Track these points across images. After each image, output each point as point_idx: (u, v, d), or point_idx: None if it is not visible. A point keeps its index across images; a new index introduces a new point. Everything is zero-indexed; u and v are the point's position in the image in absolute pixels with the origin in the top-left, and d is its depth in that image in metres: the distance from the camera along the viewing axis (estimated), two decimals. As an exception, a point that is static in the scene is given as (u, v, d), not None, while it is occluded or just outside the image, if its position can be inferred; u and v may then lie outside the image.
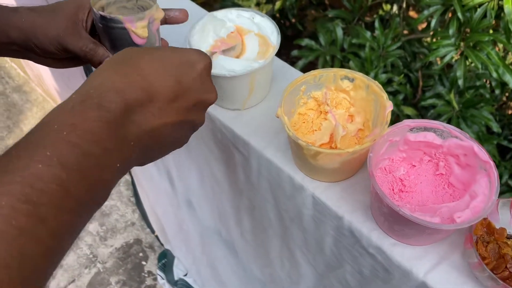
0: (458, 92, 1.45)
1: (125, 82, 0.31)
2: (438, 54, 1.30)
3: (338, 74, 0.53)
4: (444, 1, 1.33)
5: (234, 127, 0.60)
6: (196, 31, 0.58)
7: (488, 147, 1.51)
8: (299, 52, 1.55)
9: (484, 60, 1.25)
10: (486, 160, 0.44)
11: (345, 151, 0.46)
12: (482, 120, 1.43)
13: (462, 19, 1.27)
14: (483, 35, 1.25)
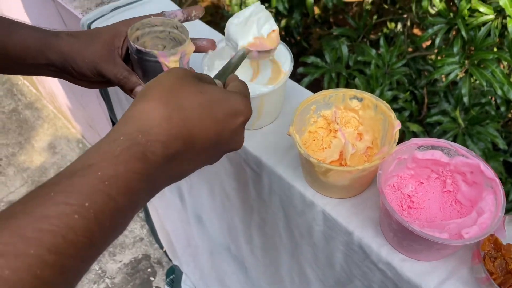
0: (463, 109, 1.47)
1: (169, 132, 0.32)
2: (442, 71, 1.33)
3: (347, 94, 0.56)
4: (448, 20, 1.36)
5: (246, 144, 0.62)
6: (240, 20, 0.57)
7: (494, 164, 1.51)
8: (305, 69, 1.58)
9: (488, 78, 1.27)
10: (492, 177, 0.46)
11: (355, 169, 0.48)
12: (488, 137, 1.44)
13: (466, 38, 1.29)
14: (488, 53, 1.28)
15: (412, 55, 1.59)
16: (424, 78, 1.56)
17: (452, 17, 1.34)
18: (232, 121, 0.36)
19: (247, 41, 0.54)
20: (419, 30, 1.92)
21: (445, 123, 1.47)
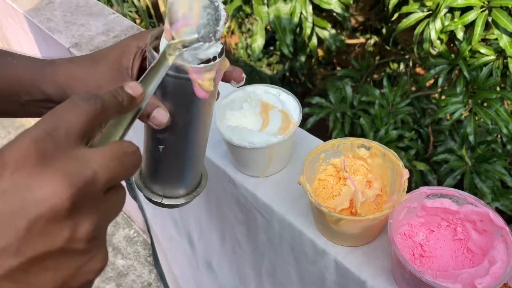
0: (469, 147, 1.48)
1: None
2: (447, 111, 1.36)
3: (355, 143, 0.58)
4: (449, 61, 1.40)
5: (257, 192, 0.64)
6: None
7: (505, 202, 1.51)
8: (310, 109, 1.62)
9: (493, 116, 1.30)
10: (502, 226, 0.47)
11: (366, 218, 0.50)
12: (496, 175, 1.44)
13: (468, 78, 1.33)
14: (491, 93, 1.31)
15: (416, 94, 1.63)
16: (429, 116, 1.59)
17: (453, 58, 1.39)
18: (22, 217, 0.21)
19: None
20: (422, 69, 1.98)
21: (452, 161, 1.48)
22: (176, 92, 0.39)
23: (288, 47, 1.48)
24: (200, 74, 0.37)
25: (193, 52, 0.36)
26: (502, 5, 1.21)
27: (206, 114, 0.42)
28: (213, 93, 0.40)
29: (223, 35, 2.05)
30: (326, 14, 1.62)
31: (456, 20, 1.28)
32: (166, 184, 0.46)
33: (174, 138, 0.42)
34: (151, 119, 0.38)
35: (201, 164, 0.48)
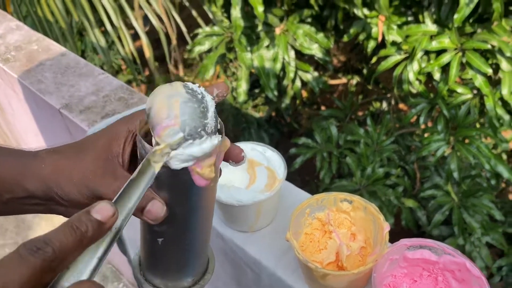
0: (455, 182, 1.54)
1: None
2: (430, 148, 1.42)
3: (338, 197, 0.62)
4: (429, 100, 1.48)
5: (245, 247, 0.67)
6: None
7: (495, 236, 1.56)
8: (297, 150, 1.67)
9: (474, 153, 1.36)
10: (478, 276, 0.51)
11: (351, 273, 0.53)
12: (483, 209, 1.49)
13: (448, 116, 1.40)
14: (470, 130, 1.38)
15: (400, 132, 1.69)
16: (414, 153, 1.65)
17: (433, 97, 1.46)
18: None
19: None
20: (404, 106, 2.06)
21: (439, 197, 1.52)
22: (172, 183, 0.36)
23: (272, 91, 1.55)
24: (199, 162, 0.34)
25: (185, 152, 0.33)
26: (475, 47, 1.29)
27: (209, 200, 0.39)
28: (214, 178, 0.36)
29: (209, 81, 2.12)
30: (308, 57, 1.70)
31: (432, 62, 1.37)
32: (168, 278, 0.42)
33: (174, 230, 0.38)
34: (146, 213, 0.35)
35: (207, 250, 0.44)
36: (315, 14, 1.55)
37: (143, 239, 0.41)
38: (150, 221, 0.35)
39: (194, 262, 0.42)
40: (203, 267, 0.44)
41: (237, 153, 0.38)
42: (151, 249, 0.40)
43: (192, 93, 0.33)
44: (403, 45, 1.41)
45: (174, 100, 0.33)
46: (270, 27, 1.54)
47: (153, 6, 1.89)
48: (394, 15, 1.45)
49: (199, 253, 0.42)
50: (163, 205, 0.35)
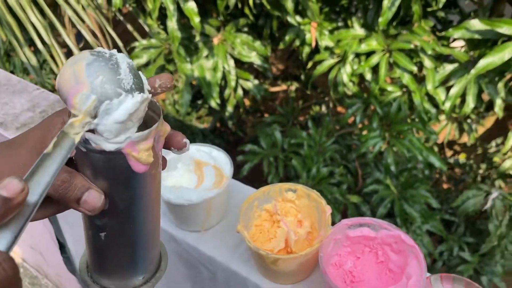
0: (394, 176, 1.65)
1: None
2: (367, 145, 1.51)
3: (283, 188, 0.66)
4: (363, 99, 1.59)
5: (199, 245, 0.69)
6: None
7: (433, 223, 1.68)
8: (244, 157, 1.71)
9: (408, 146, 1.47)
10: (412, 244, 0.57)
11: (299, 254, 0.57)
12: (421, 199, 1.61)
13: (381, 113, 1.51)
14: (403, 125, 1.49)
15: (340, 132, 1.79)
16: (354, 151, 1.76)
17: (366, 97, 1.57)
18: None
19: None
20: (342, 108, 2.18)
21: (380, 191, 1.63)
22: (108, 169, 0.34)
23: (215, 100, 1.58)
24: (134, 146, 0.32)
25: (109, 119, 0.31)
26: (400, 48, 1.41)
27: (151, 188, 0.37)
28: (154, 164, 0.35)
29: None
30: (248, 66, 1.76)
31: (363, 63, 1.47)
32: (116, 276, 0.40)
33: (116, 222, 0.36)
34: (82, 204, 0.34)
35: (157, 245, 0.42)
36: (250, 23, 1.61)
37: (86, 236, 0.39)
38: (88, 212, 0.34)
39: (143, 259, 0.40)
40: (154, 264, 0.42)
41: (179, 140, 0.37)
42: (95, 245, 0.39)
43: (98, 54, 0.31)
44: (336, 49, 1.50)
45: (78, 65, 0.31)
46: (207, 37, 1.58)
47: (86, 22, 1.86)
48: (325, 21, 1.55)
49: (147, 248, 0.40)
50: (100, 194, 0.34)
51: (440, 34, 1.40)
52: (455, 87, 1.39)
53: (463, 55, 1.38)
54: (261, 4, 1.52)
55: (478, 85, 1.38)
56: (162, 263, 0.43)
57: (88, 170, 0.34)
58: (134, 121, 0.32)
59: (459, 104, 1.48)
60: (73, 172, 0.34)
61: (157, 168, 0.36)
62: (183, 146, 0.38)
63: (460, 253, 1.80)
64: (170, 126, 0.36)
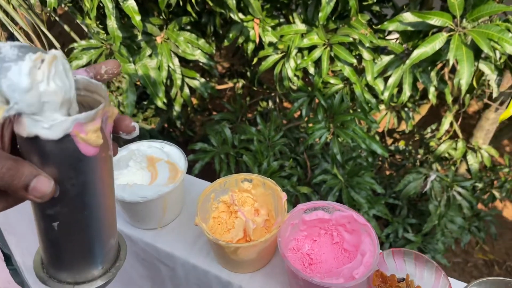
0: (340, 165, 1.71)
1: None
2: (314, 137, 1.56)
3: (239, 178, 0.66)
4: (308, 93, 1.62)
5: (157, 243, 0.68)
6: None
7: (379, 208, 1.76)
8: (195, 156, 1.69)
9: (351, 135, 1.53)
10: (364, 223, 0.59)
11: (258, 241, 0.58)
12: (367, 186, 1.68)
13: (325, 106, 1.55)
14: (346, 116, 1.55)
15: (287, 126, 1.83)
16: (302, 144, 1.80)
17: (311, 90, 1.61)
18: None
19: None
20: (288, 103, 2.22)
21: (329, 181, 1.68)
22: (56, 154, 0.32)
23: (161, 99, 1.55)
24: (82, 127, 0.32)
25: (15, 93, 0.30)
26: (339, 41, 1.46)
27: (104, 172, 0.36)
28: (104, 147, 0.34)
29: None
30: (193, 64, 1.74)
31: (306, 58, 1.51)
32: (74, 269, 0.39)
33: (69, 210, 0.35)
34: (31, 191, 0.32)
35: (114, 233, 0.41)
36: (193, 21, 1.60)
37: (38, 229, 0.38)
38: (38, 200, 0.33)
39: (100, 247, 0.39)
40: (113, 254, 0.41)
41: (127, 124, 0.37)
42: (48, 237, 0.37)
43: None
44: (279, 45, 1.53)
45: None
46: (150, 36, 1.55)
47: (18, 23, 1.76)
48: (267, 17, 1.57)
49: (104, 236, 0.39)
50: (50, 180, 0.33)
51: (376, 28, 1.47)
52: (392, 77, 1.46)
53: (398, 46, 1.45)
54: (204, 2, 1.51)
55: (413, 75, 1.46)
56: (121, 252, 0.42)
57: (35, 157, 0.33)
58: (49, 87, 0.30)
59: (396, 94, 1.56)
60: (19, 160, 0.33)
61: (108, 151, 0.35)
62: (132, 129, 0.37)
63: (405, 234, 1.89)
64: (117, 110, 0.36)
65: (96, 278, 0.40)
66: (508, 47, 1.23)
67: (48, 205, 0.34)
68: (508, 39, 1.23)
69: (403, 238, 1.93)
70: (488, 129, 1.83)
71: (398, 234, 1.93)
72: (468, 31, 1.26)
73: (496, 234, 1.94)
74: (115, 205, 0.40)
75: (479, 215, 1.91)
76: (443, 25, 1.27)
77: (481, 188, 1.91)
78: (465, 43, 1.26)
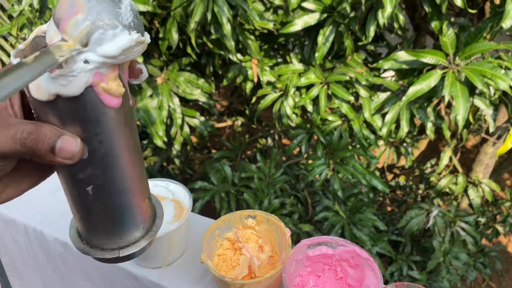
0: (342, 201, 1.73)
1: None
2: (314, 173, 1.59)
3: (243, 215, 0.69)
4: (307, 130, 1.67)
5: (162, 282, 0.69)
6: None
7: (382, 245, 1.77)
8: (195, 194, 1.71)
9: (352, 171, 1.56)
10: (367, 257, 0.62)
11: (264, 278, 0.60)
12: (369, 222, 1.69)
13: (324, 142, 1.60)
14: (345, 152, 1.59)
15: (287, 163, 1.86)
16: (302, 181, 1.82)
17: (309, 127, 1.66)
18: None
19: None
20: (288, 140, 2.26)
21: (330, 218, 1.69)
22: (79, 110, 0.31)
23: (161, 138, 1.59)
24: (102, 76, 0.30)
25: (98, 51, 0.29)
26: (336, 80, 1.52)
27: (129, 125, 0.34)
28: (125, 96, 0.33)
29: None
30: (193, 103, 1.80)
31: (304, 96, 1.57)
32: (115, 233, 0.38)
33: (101, 170, 0.34)
34: (58, 152, 0.31)
35: (148, 190, 0.40)
36: (193, 62, 1.67)
37: (72, 199, 0.36)
38: (67, 161, 0.32)
39: (138, 207, 0.38)
40: (151, 212, 0.40)
41: (134, 66, 0.35)
42: (84, 205, 0.36)
43: None
44: (277, 84, 1.59)
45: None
46: (151, 77, 1.61)
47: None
48: (265, 58, 1.64)
49: (140, 194, 0.38)
50: (75, 138, 0.32)
51: (371, 66, 1.53)
52: (389, 114, 1.51)
53: (394, 84, 1.51)
54: (203, 43, 1.59)
55: (410, 111, 1.52)
56: (157, 210, 0.41)
57: (55, 118, 0.31)
58: (122, 61, 0.31)
59: (394, 129, 1.60)
60: (38, 123, 0.32)
61: (129, 101, 0.34)
62: (140, 72, 0.36)
63: (410, 272, 1.89)
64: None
65: (139, 239, 0.39)
66: (501, 83, 1.29)
67: (79, 169, 0.33)
68: (500, 75, 1.29)
69: (408, 276, 1.92)
70: (487, 163, 1.87)
71: (403, 272, 1.92)
72: (461, 69, 1.32)
73: (502, 270, 1.94)
74: (143, 162, 0.39)
75: (484, 250, 1.92)
76: (436, 63, 1.33)
77: (484, 223, 1.92)
78: (459, 80, 1.32)
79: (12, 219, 0.86)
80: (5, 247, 0.92)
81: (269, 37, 1.68)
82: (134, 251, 0.39)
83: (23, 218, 0.85)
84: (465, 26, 1.47)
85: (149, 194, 0.41)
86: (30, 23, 1.54)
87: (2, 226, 0.89)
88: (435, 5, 1.36)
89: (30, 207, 0.85)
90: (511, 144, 1.53)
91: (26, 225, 0.84)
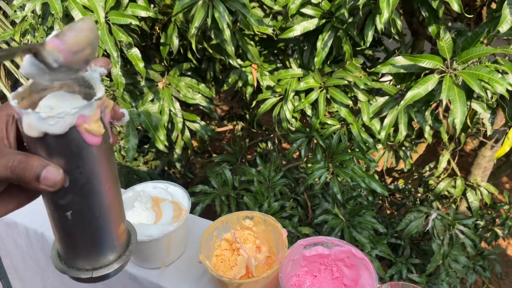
0: (341, 204, 1.73)
1: None
2: (314, 177, 1.59)
3: (240, 216, 0.70)
4: (306, 133, 1.68)
5: (162, 282, 0.70)
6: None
7: (382, 248, 1.77)
8: (196, 198, 1.72)
9: (351, 174, 1.57)
10: (362, 257, 0.62)
11: (261, 277, 0.60)
12: (368, 225, 1.70)
13: (324, 146, 1.60)
14: (344, 155, 1.59)
15: (287, 167, 1.87)
16: (302, 184, 1.83)
17: (309, 131, 1.67)
18: None
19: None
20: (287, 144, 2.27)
21: (330, 221, 1.70)
22: (63, 146, 0.35)
23: (162, 143, 1.60)
24: (85, 118, 0.35)
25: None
26: (335, 84, 1.53)
27: (108, 159, 0.39)
28: (105, 135, 0.37)
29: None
30: (194, 108, 1.81)
31: (303, 100, 1.57)
32: (90, 255, 0.42)
33: (80, 197, 0.38)
34: (42, 180, 0.35)
35: (124, 217, 0.44)
36: (194, 67, 1.68)
37: (53, 221, 0.40)
38: (50, 188, 0.36)
39: (113, 232, 0.42)
40: (125, 237, 0.44)
41: (116, 110, 0.40)
42: (63, 227, 0.40)
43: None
44: (277, 88, 1.60)
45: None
46: (152, 82, 1.62)
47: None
48: (265, 63, 1.66)
49: (115, 220, 0.42)
50: (58, 169, 0.36)
51: (370, 70, 1.54)
52: (388, 118, 1.52)
53: (392, 88, 1.52)
54: (204, 49, 1.60)
55: (408, 115, 1.52)
56: (132, 237, 0.45)
57: (43, 151, 0.36)
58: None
59: (393, 133, 1.61)
60: (28, 154, 0.36)
61: (109, 139, 0.39)
62: (121, 116, 0.40)
63: (409, 275, 1.89)
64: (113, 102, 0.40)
65: (112, 262, 0.42)
66: (498, 87, 1.30)
67: (60, 196, 0.37)
68: (498, 79, 1.30)
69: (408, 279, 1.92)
70: (485, 167, 1.87)
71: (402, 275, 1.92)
72: (458, 73, 1.33)
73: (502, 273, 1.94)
74: (120, 191, 0.43)
75: (483, 253, 1.91)
76: (434, 67, 1.34)
77: (483, 226, 1.92)
78: (457, 84, 1.33)
79: (13, 221, 0.87)
80: (6, 250, 0.93)
81: (269, 42, 1.70)
82: (107, 272, 0.42)
83: (24, 220, 0.85)
84: (462, 30, 1.48)
85: (124, 221, 0.45)
86: (32, 29, 1.56)
87: (3, 229, 0.90)
88: (432, 10, 1.38)
89: (32, 210, 0.86)
90: (509, 147, 1.53)
91: (28, 228, 0.85)
